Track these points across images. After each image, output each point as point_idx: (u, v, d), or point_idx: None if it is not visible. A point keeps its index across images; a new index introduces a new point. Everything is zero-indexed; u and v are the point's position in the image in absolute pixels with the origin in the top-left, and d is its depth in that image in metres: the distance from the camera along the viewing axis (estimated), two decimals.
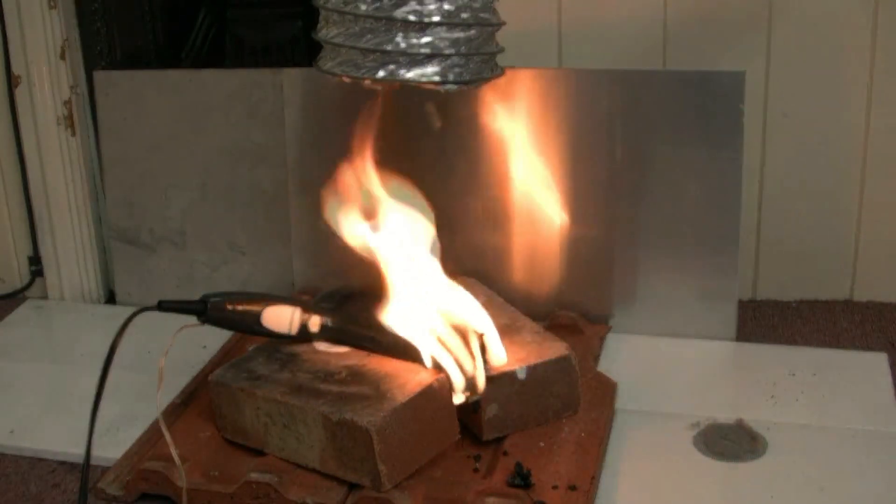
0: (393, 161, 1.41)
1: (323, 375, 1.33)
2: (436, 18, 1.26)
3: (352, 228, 1.37)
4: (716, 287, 1.60)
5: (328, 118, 1.66)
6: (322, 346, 1.39)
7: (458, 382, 1.30)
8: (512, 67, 1.45)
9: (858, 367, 1.52)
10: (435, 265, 1.37)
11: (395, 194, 1.39)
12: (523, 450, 1.30)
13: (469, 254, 1.64)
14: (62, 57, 1.75)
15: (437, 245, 1.38)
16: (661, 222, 1.60)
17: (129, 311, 1.30)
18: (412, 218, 1.37)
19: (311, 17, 1.37)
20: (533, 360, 1.34)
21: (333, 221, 1.38)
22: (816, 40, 1.63)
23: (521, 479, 1.24)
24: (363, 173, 1.39)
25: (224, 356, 1.54)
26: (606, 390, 1.43)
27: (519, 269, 1.66)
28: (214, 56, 2.13)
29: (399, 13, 1.26)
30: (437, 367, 1.30)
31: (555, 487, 1.24)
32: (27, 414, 1.49)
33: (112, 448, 1.37)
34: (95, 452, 1.30)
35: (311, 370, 1.34)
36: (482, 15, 1.30)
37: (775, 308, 1.74)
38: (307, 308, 1.37)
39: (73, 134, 1.79)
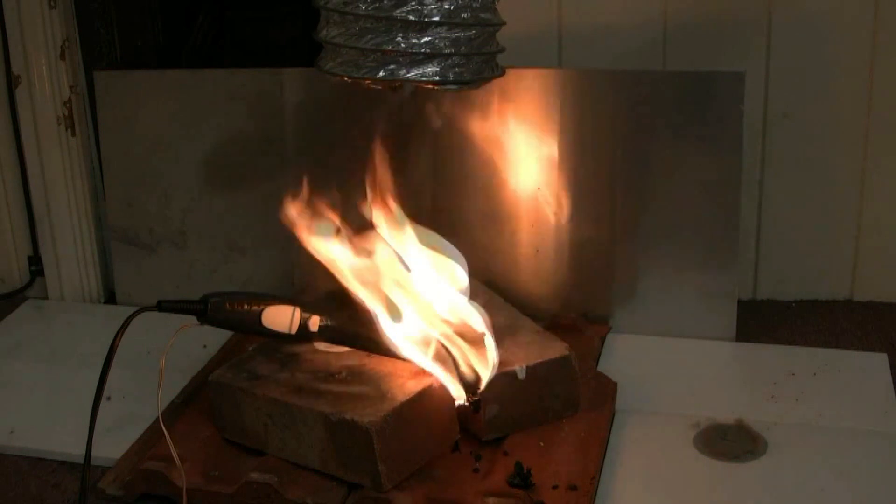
0: (392, 162, 1.41)
1: (323, 375, 1.33)
2: (436, 18, 1.26)
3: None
4: (716, 287, 1.60)
5: (328, 118, 1.66)
6: (322, 346, 1.39)
7: (453, 387, 1.30)
8: (512, 67, 1.45)
9: (858, 367, 1.52)
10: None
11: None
12: (523, 450, 1.30)
13: (469, 254, 1.63)
14: (62, 57, 1.75)
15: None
16: (661, 222, 1.60)
17: (129, 311, 1.30)
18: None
19: (312, 17, 1.37)
20: (533, 360, 1.34)
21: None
22: (816, 40, 1.63)
23: (521, 479, 1.24)
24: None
25: (224, 356, 1.54)
26: (606, 390, 1.43)
27: (519, 270, 1.66)
28: (214, 56, 2.13)
29: (399, 13, 1.26)
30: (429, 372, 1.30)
31: (555, 487, 1.24)
32: (27, 414, 1.49)
33: (112, 448, 1.36)
34: (95, 452, 1.30)
35: (311, 370, 1.34)
36: (482, 15, 1.30)
37: (775, 308, 1.73)
38: (307, 308, 1.37)
39: (73, 134, 1.79)
